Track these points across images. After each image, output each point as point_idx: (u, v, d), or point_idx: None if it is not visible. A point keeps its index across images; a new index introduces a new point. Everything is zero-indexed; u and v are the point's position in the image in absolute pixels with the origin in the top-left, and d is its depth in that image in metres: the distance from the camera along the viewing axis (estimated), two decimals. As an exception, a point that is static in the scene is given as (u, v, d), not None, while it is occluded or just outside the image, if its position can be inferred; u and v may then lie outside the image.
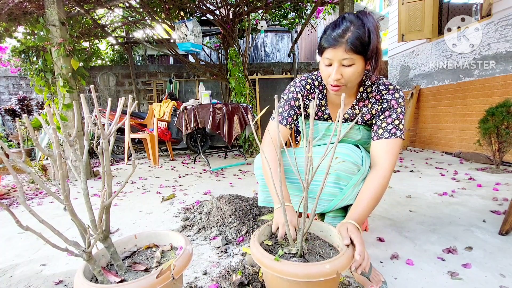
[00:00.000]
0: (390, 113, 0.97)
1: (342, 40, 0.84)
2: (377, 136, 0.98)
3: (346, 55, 0.85)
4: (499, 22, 3.11)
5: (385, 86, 1.00)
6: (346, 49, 0.84)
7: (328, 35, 0.88)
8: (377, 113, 1.01)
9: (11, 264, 1.20)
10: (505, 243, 1.21)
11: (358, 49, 0.84)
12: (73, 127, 2.84)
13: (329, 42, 0.87)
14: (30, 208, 0.54)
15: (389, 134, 0.96)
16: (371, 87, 1.01)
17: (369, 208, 0.89)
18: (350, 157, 0.97)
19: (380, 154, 0.96)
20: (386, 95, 0.99)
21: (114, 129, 0.69)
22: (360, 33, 0.84)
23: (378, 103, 1.00)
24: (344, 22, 0.86)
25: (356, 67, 0.88)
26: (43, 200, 2.24)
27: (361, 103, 1.03)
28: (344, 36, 0.84)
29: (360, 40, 0.84)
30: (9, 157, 0.56)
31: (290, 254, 0.78)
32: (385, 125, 0.97)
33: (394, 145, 0.95)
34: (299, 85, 1.07)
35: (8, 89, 5.81)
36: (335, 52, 0.86)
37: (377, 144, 0.97)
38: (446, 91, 3.93)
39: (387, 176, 0.92)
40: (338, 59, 0.87)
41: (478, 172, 2.62)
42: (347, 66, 0.87)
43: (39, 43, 2.75)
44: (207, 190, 2.31)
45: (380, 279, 0.93)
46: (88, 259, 0.65)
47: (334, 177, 0.98)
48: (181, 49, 4.20)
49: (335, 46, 0.85)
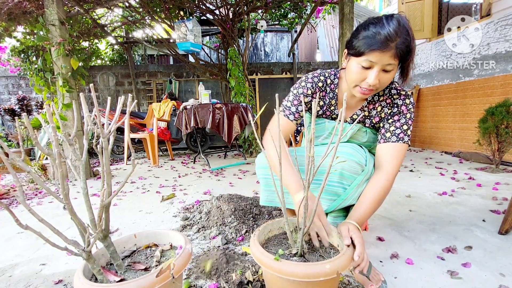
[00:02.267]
0: (399, 118, 0.97)
1: (392, 44, 0.78)
2: (384, 139, 0.97)
3: (392, 60, 0.80)
4: (498, 22, 3.11)
5: (397, 90, 0.99)
6: (394, 54, 0.79)
7: (374, 34, 0.80)
8: (386, 117, 1.00)
9: (11, 264, 1.20)
10: (504, 243, 1.21)
11: (404, 55, 0.80)
12: (72, 127, 2.84)
13: (377, 43, 0.79)
14: (29, 207, 0.54)
15: (397, 139, 0.95)
16: (383, 91, 1.00)
17: (371, 209, 0.89)
18: (354, 157, 0.96)
19: (386, 157, 0.95)
20: (397, 99, 0.98)
21: (113, 128, 0.68)
22: (408, 39, 0.79)
23: (388, 107, 1.00)
24: (393, 22, 0.79)
25: (393, 73, 0.85)
26: (42, 200, 2.24)
27: (371, 105, 1.03)
28: (395, 40, 0.78)
29: (407, 46, 0.79)
30: (9, 156, 0.56)
31: (290, 254, 0.78)
32: (393, 129, 0.97)
33: (400, 149, 0.95)
34: (311, 81, 1.04)
35: (7, 89, 5.80)
36: (382, 55, 0.79)
37: (384, 147, 0.97)
38: (446, 91, 3.94)
39: (391, 180, 0.92)
40: (382, 63, 0.81)
41: (478, 171, 2.63)
42: (387, 71, 0.83)
43: (39, 42, 2.75)
44: (207, 189, 2.31)
45: (380, 278, 0.93)
46: (88, 258, 0.64)
47: (338, 176, 0.97)
48: (180, 49, 4.20)
49: (383, 49, 0.78)
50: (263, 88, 6.18)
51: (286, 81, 6.28)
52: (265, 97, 6.14)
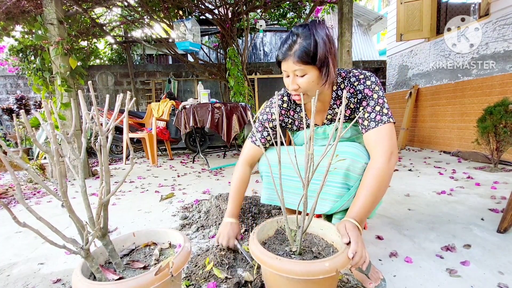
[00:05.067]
0: (368, 102, 0.96)
1: (290, 53, 0.90)
2: (365, 129, 0.96)
3: (295, 66, 0.91)
4: (497, 22, 3.12)
5: (355, 77, 0.99)
6: (294, 61, 0.90)
7: (280, 49, 0.95)
8: (356, 106, 1.00)
9: (9, 263, 1.20)
10: (503, 241, 1.22)
11: (306, 59, 0.89)
12: (71, 126, 2.83)
13: (280, 57, 0.94)
14: (27, 205, 0.53)
15: (375, 123, 0.93)
16: (343, 83, 1.01)
17: (368, 204, 0.86)
18: (360, 158, 0.95)
19: (371, 146, 0.94)
20: (358, 85, 0.97)
21: (112, 126, 0.68)
22: (306, 45, 0.88)
23: (353, 96, 0.99)
24: (291, 36, 0.92)
25: (309, 76, 0.92)
26: (41, 199, 2.23)
27: (338, 101, 1.03)
28: (291, 49, 0.90)
29: (306, 51, 0.88)
30: (7, 154, 0.56)
31: (290, 252, 0.78)
32: (367, 115, 0.95)
33: (384, 132, 0.92)
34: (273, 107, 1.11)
35: (5, 89, 5.78)
36: (287, 64, 0.93)
37: (367, 136, 0.95)
38: (445, 91, 3.94)
39: (382, 167, 0.88)
40: (291, 70, 0.93)
41: (476, 171, 2.63)
42: (300, 76, 0.93)
43: (37, 42, 2.74)
44: (206, 189, 2.31)
45: (379, 276, 0.93)
46: (86, 256, 0.64)
47: (342, 177, 0.96)
48: (180, 48, 4.19)
49: (285, 59, 0.92)
50: (262, 87, 6.18)
51: (285, 80, 6.27)
52: (264, 96, 6.14)
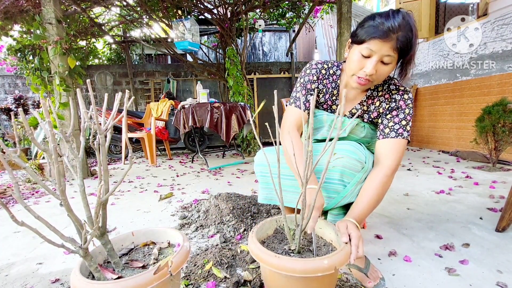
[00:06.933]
0: (398, 113, 0.96)
1: (393, 36, 0.79)
2: (383, 135, 0.97)
3: (391, 52, 0.81)
4: (495, 22, 3.13)
5: (395, 86, 0.99)
6: (394, 46, 0.80)
7: (378, 24, 0.80)
8: (384, 112, 1.00)
9: (7, 263, 1.19)
10: (501, 240, 1.22)
11: (404, 50, 0.81)
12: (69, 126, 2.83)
13: (379, 32, 0.79)
14: (25, 204, 0.53)
15: (396, 134, 0.95)
16: (382, 86, 1.01)
17: (370, 206, 0.89)
18: (354, 154, 0.96)
19: (385, 153, 0.95)
20: (396, 95, 0.98)
21: (111, 124, 0.68)
22: (410, 35, 0.80)
23: (387, 102, 0.99)
24: (398, 16, 0.79)
25: (391, 66, 0.85)
26: (39, 199, 2.22)
27: (370, 100, 1.02)
28: (397, 32, 0.79)
29: (409, 41, 0.80)
30: (5, 153, 0.56)
31: (289, 250, 0.78)
32: (392, 124, 0.96)
33: (400, 145, 0.94)
34: (315, 67, 1.05)
35: (4, 88, 5.76)
36: (382, 45, 0.80)
37: (383, 143, 0.96)
38: (443, 90, 3.95)
39: (390, 175, 0.91)
40: (381, 54, 0.81)
41: (475, 170, 2.64)
42: (385, 63, 0.84)
43: (36, 41, 2.73)
44: (205, 188, 2.31)
45: (378, 275, 0.93)
46: (85, 256, 0.64)
47: (339, 173, 0.97)
48: (178, 48, 4.18)
49: (384, 39, 0.79)
50: (261, 87, 6.18)
51: (284, 80, 6.28)
52: (263, 96, 6.14)
